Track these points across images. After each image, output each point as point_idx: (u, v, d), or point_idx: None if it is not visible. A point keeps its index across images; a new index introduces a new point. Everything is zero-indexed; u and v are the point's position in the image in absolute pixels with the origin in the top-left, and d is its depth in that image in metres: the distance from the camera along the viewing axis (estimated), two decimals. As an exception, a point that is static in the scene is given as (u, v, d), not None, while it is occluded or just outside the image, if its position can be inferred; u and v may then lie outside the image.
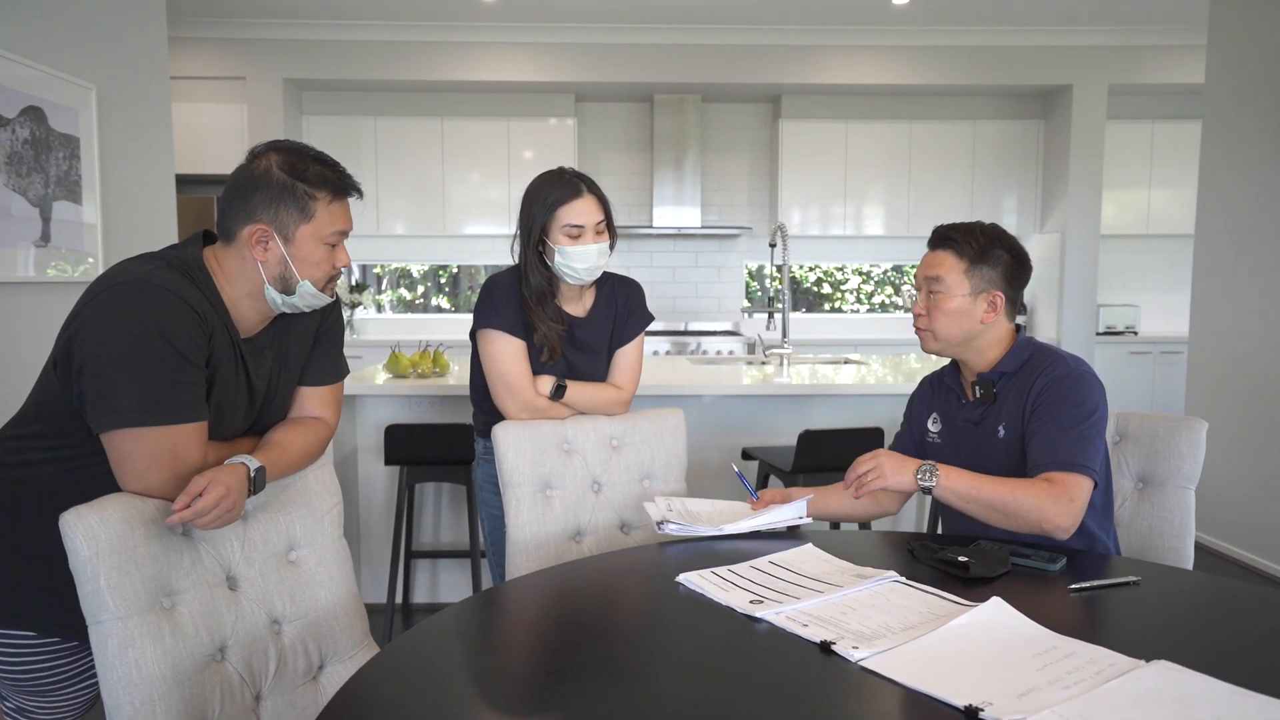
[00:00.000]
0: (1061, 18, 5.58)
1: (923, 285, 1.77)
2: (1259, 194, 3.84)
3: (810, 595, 1.32)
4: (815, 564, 1.47)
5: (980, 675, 1.05)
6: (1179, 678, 1.03)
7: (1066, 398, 1.63)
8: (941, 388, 1.89)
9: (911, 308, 1.82)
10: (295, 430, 1.52)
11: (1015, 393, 1.72)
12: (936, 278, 1.73)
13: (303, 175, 1.39)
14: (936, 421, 1.87)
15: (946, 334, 1.74)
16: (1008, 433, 1.71)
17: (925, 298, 1.76)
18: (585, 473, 1.99)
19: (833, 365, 3.93)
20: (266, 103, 5.59)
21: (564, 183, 1.97)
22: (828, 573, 1.43)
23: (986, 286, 1.72)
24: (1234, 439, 3.95)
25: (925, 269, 1.76)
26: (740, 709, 1.00)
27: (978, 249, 1.72)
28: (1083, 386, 1.65)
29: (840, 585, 1.36)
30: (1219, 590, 1.44)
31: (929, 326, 1.76)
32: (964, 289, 1.72)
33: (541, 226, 1.97)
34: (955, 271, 1.72)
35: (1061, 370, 1.67)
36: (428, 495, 3.34)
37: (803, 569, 1.45)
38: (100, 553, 1.17)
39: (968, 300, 1.72)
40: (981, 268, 1.71)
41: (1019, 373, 1.73)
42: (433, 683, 1.10)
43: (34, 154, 3.02)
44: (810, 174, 6.11)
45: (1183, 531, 1.85)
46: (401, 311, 6.60)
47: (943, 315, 1.73)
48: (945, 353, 1.79)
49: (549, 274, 2.01)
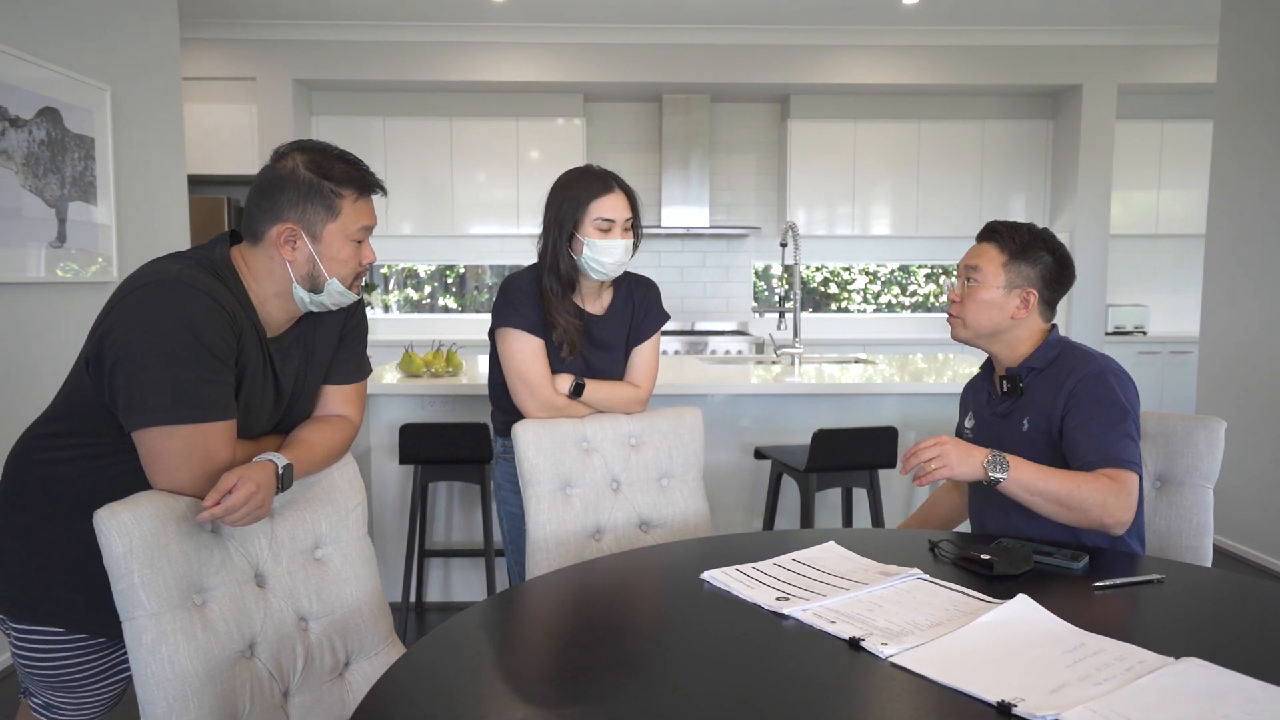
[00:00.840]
0: (1071, 17, 5.58)
1: (962, 273, 1.81)
2: (1270, 194, 3.84)
3: (836, 592, 1.33)
4: (839, 561, 1.48)
5: (1011, 671, 1.05)
6: (1209, 674, 1.04)
7: (1103, 396, 1.65)
8: (976, 386, 1.95)
9: (948, 295, 1.86)
10: (321, 428, 1.52)
11: (1043, 389, 1.73)
12: (975, 267, 1.77)
13: (328, 174, 1.40)
14: (971, 418, 1.91)
15: (976, 323, 1.78)
16: (1031, 426, 1.73)
17: (962, 285, 1.80)
18: (604, 471, 1.99)
19: (840, 365, 3.94)
20: (276, 103, 5.61)
21: (596, 178, 2.01)
22: (852, 570, 1.43)
23: (1022, 283, 1.75)
24: (1244, 439, 3.95)
25: (967, 258, 1.81)
26: (771, 704, 1.01)
27: (1019, 245, 1.75)
28: (1116, 384, 1.66)
29: (865, 583, 1.37)
30: (1242, 588, 1.44)
31: (960, 313, 1.80)
32: (999, 281, 1.75)
33: (573, 220, 1.98)
34: (994, 263, 1.76)
35: (1093, 368, 1.68)
36: (440, 494, 3.35)
37: (827, 566, 1.45)
38: (134, 549, 1.17)
39: (1001, 293, 1.75)
40: (1020, 264, 1.75)
41: (1048, 369, 1.75)
42: (460, 681, 1.11)
43: (50, 155, 3.03)
44: (818, 174, 6.12)
45: (1201, 530, 1.85)
46: (408, 311, 6.61)
47: (975, 304, 1.77)
48: (973, 342, 1.81)
49: (574, 268, 2.02)
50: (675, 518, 2.04)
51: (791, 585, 1.37)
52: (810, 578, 1.40)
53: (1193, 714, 0.95)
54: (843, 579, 1.39)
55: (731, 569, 1.44)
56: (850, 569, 1.44)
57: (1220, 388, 4.14)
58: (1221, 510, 4.03)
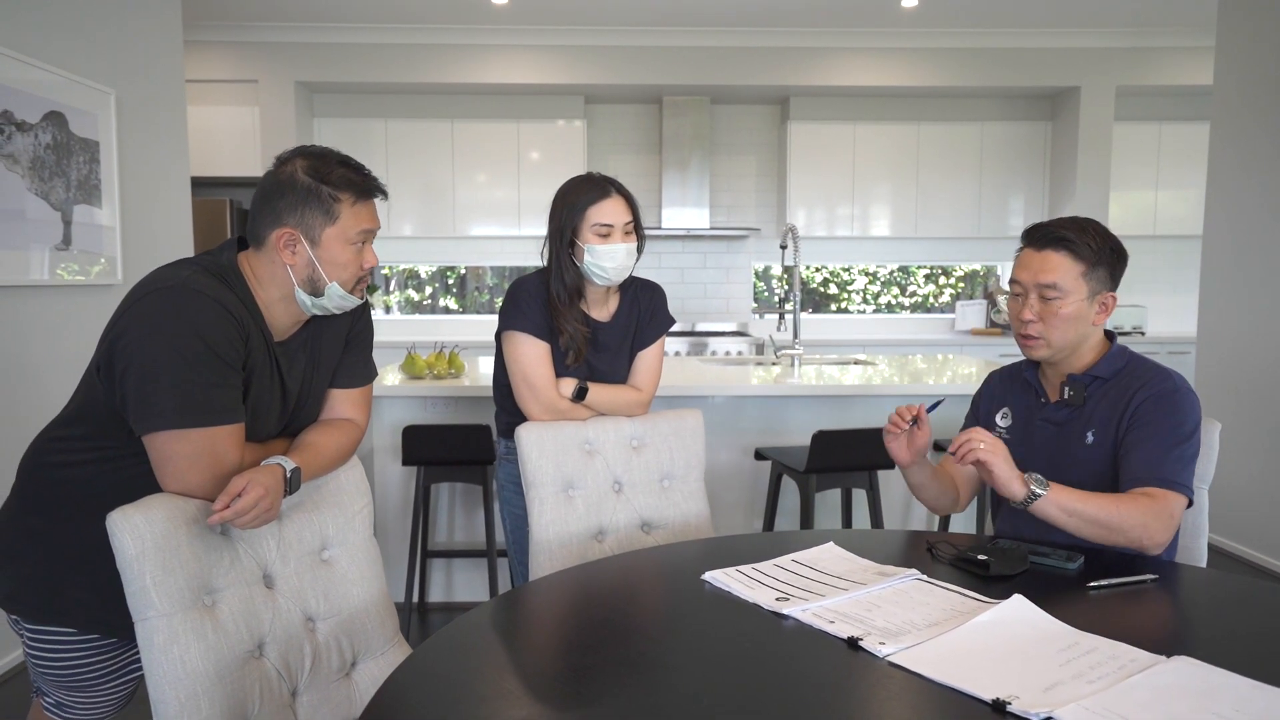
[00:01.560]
0: (1069, 20, 5.60)
1: (1030, 290, 1.66)
2: (1267, 195, 3.86)
3: (834, 593, 1.35)
4: (837, 562, 1.50)
5: (1005, 670, 1.07)
6: (1200, 672, 1.06)
7: (1171, 415, 1.59)
8: (1017, 382, 1.83)
9: (1011, 312, 1.70)
10: (327, 431, 1.55)
11: (1109, 400, 1.66)
12: (1052, 284, 1.63)
13: (326, 178, 1.42)
14: (1007, 416, 1.80)
15: (1062, 341, 1.66)
16: (1097, 439, 1.65)
17: (1038, 303, 1.65)
18: (606, 473, 2.02)
19: (840, 366, 3.96)
20: (278, 105, 5.63)
21: (594, 184, 2.03)
22: (850, 571, 1.46)
23: (1100, 289, 1.66)
24: (1241, 440, 3.97)
25: (1037, 273, 1.65)
26: (771, 702, 1.03)
27: (1096, 250, 1.64)
28: (1185, 405, 1.60)
29: (863, 583, 1.39)
30: (1235, 587, 1.46)
31: (1043, 334, 1.66)
32: (1082, 293, 1.64)
33: (572, 227, 2.01)
34: (1072, 274, 1.63)
35: (1166, 385, 1.62)
36: (442, 495, 3.37)
37: (825, 567, 1.48)
38: (146, 551, 1.20)
39: (1085, 304, 1.65)
40: (1098, 269, 1.65)
41: (1114, 380, 1.68)
42: (466, 681, 1.13)
43: (55, 158, 3.06)
44: (818, 175, 6.14)
45: (1196, 531, 1.87)
46: (409, 312, 6.63)
47: (1060, 321, 1.64)
48: (1053, 359, 1.71)
49: (578, 275, 2.05)
50: (676, 519, 2.06)
51: (791, 586, 1.39)
52: (809, 578, 1.42)
53: (1183, 711, 0.97)
54: (841, 579, 1.41)
55: (732, 570, 1.46)
56: (849, 569, 1.46)
57: (1217, 388, 4.17)
58: (1219, 510, 4.06)
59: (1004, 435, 1.79)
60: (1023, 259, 1.70)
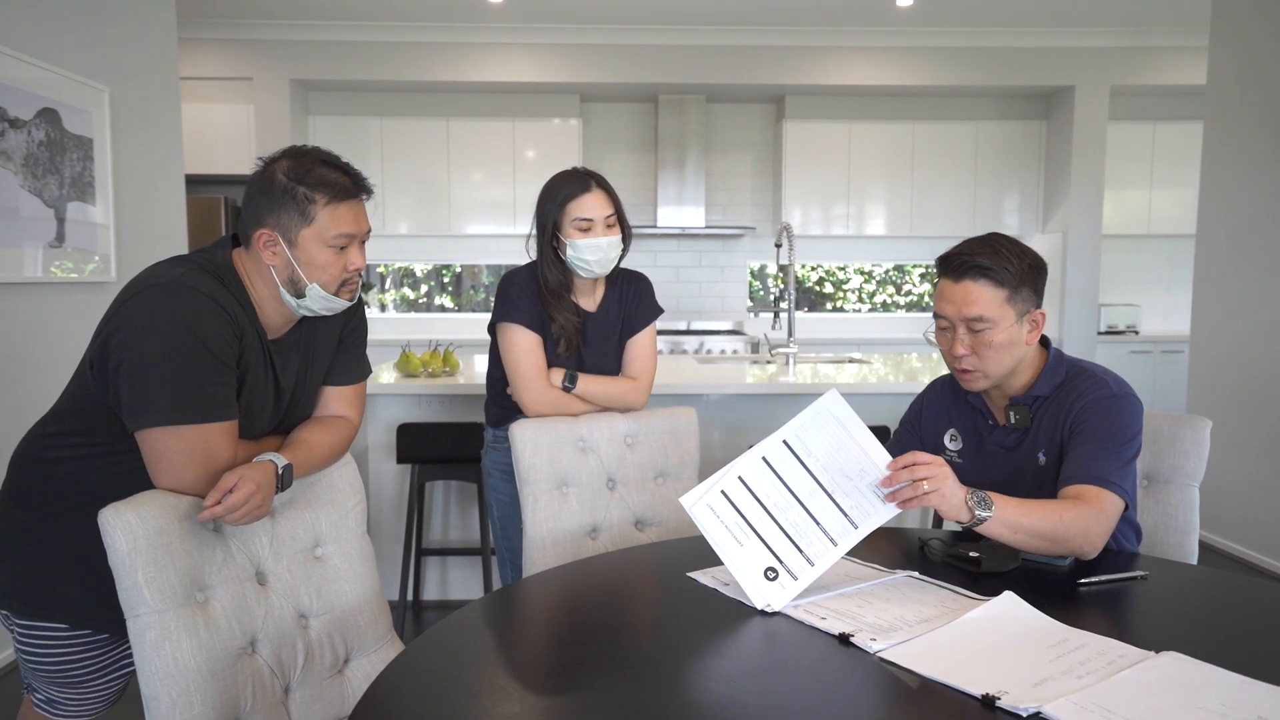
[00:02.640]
0: (1064, 19, 5.61)
1: (957, 324, 1.60)
2: (1260, 194, 3.88)
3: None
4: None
5: (996, 666, 1.08)
6: (1188, 668, 1.07)
7: (1108, 420, 1.55)
8: (961, 402, 1.76)
9: (942, 347, 1.64)
10: (320, 429, 1.55)
11: (1051, 417, 1.63)
12: (978, 316, 1.56)
13: (303, 179, 1.40)
14: (956, 439, 1.75)
15: (999, 369, 1.61)
16: (1049, 459, 1.62)
17: (968, 336, 1.59)
18: (600, 470, 2.02)
19: (835, 364, 3.97)
20: (273, 103, 5.62)
21: (574, 179, 2.05)
22: (842, 568, 1.46)
23: (1027, 308, 1.60)
24: (1235, 437, 3.99)
25: (961, 306, 1.58)
26: (764, 697, 1.03)
27: (1015, 272, 1.57)
28: (1125, 410, 1.57)
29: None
30: (1225, 585, 1.47)
31: (978, 367, 1.60)
32: (1010, 318, 1.57)
33: (554, 222, 2.02)
34: (996, 302, 1.57)
35: (1103, 392, 1.59)
36: (437, 493, 3.37)
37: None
38: (138, 548, 1.20)
39: (1015, 328, 1.58)
40: (1022, 289, 1.58)
41: (1054, 395, 1.64)
42: (458, 677, 1.13)
43: (49, 155, 3.05)
44: (813, 174, 6.14)
45: (1187, 528, 1.88)
46: (405, 311, 6.63)
47: (993, 351, 1.58)
48: (990, 387, 1.65)
49: (564, 269, 2.06)
50: (670, 516, 2.06)
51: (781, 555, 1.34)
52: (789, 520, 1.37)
53: (1171, 706, 0.97)
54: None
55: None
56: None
57: (1210, 386, 4.19)
58: (1211, 507, 4.07)
59: (955, 460, 1.74)
60: (943, 291, 1.62)
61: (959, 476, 1.48)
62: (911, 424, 1.85)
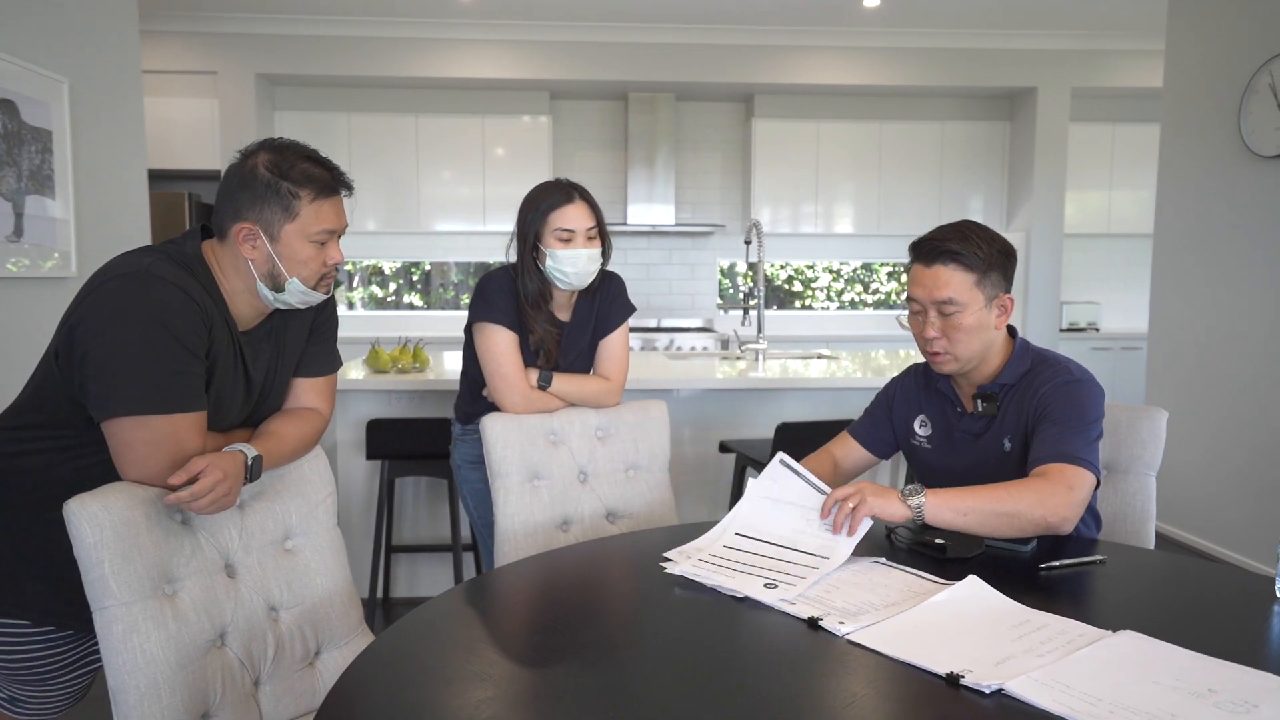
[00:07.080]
0: (1026, 22, 5.72)
1: (929, 307, 1.65)
2: (1215, 194, 3.98)
3: (796, 577, 1.37)
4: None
5: (959, 646, 1.11)
6: (1143, 645, 1.10)
7: (1071, 403, 1.60)
8: (932, 390, 1.81)
9: (914, 330, 1.69)
10: (291, 420, 1.54)
11: (1016, 404, 1.67)
12: (948, 299, 1.62)
13: (287, 174, 1.39)
14: (926, 425, 1.79)
15: (969, 352, 1.65)
16: (1014, 446, 1.66)
17: (938, 319, 1.65)
18: (571, 463, 2.03)
19: (804, 360, 4.01)
20: (238, 98, 5.55)
21: (558, 190, 2.05)
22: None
23: (996, 292, 1.65)
24: (1191, 430, 4.09)
25: (932, 290, 1.64)
26: (734, 681, 1.05)
27: (984, 257, 1.62)
28: (1085, 393, 1.61)
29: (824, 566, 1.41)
30: (1177, 567, 1.52)
31: (948, 349, 1.65)
32: (979, 302, 1.63)
33: (535, 231, 2.02)
34: (966, 286, 1.62)
35: (1066, 377, 1.63)
36: (408, 489, 3.35)
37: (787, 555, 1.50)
38: (104, 540, 1.18)
39: (984, 312, 1.63)
40: (991, 274, 1.63)
41: (1019, 384, 1.68)
42: (428, 666, 1.13)
43: (6, 148, 2.99)
44: (782, 172, 6.20)
45: (1144, 516, 1.93)
46: (373, 308, 6.57)
47: (963, 334, 1.63)
48: (962, 370, 1.70)
49: (543, 279, 2.06)
50: (641, 508, 2.08)
51: (755, 568, 1.40)
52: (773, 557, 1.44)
53: (1127, 681, 1.01)
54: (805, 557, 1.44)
55: (690, 548, 1.48)
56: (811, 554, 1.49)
57: (1167, 380, 4.29)
58: (1165, 498, 4.18)
59: (925, 445, 1.79)
60: (915, 275, 1.68)
61: (928, 463, 1.53)
62: (884, 407, 1.89)
